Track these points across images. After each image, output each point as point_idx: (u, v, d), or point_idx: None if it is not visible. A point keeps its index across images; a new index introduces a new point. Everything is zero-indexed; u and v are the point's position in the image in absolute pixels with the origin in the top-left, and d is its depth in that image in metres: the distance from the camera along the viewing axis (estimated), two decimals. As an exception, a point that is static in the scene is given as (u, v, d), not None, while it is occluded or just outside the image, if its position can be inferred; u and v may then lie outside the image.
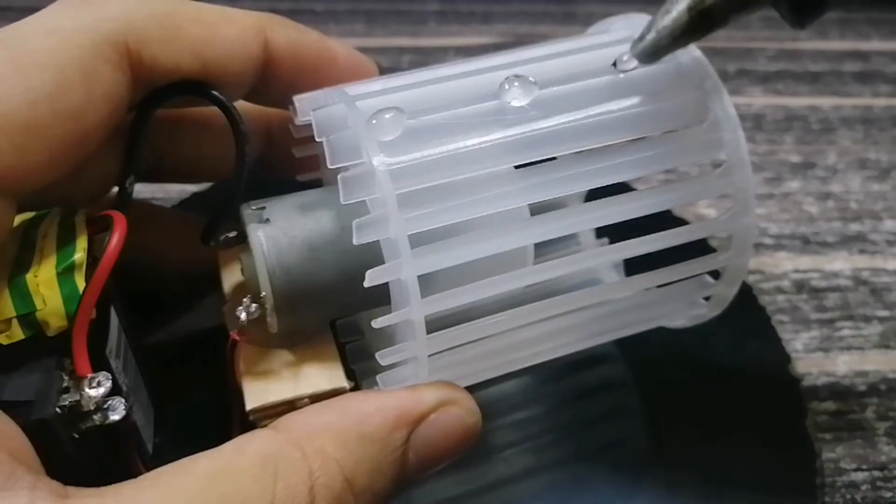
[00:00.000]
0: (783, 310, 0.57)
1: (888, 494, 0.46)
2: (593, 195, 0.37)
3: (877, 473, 0.47)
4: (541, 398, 0.46)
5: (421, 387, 0.35)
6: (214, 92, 0.37)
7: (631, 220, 0.37)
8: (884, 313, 0.57)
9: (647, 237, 0.37)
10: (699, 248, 0.39)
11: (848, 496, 0.46)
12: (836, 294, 0.58)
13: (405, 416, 0.33)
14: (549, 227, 0.36)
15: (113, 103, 0.34)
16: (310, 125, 0.35)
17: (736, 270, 0.40)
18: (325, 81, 0.39)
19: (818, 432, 0.48)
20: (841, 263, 0.61)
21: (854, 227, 0.64)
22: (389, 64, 0.82)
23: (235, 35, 0.37)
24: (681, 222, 0.53)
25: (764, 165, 0.70)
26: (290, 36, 0.39)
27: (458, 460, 0.35)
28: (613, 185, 0.37)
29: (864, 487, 0.46)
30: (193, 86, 0.37)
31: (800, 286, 0.59)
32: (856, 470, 0.47)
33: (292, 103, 0.38)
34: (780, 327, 0.54)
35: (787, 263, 0.61)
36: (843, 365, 0.53)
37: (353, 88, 0.37)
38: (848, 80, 0.83)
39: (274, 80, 0.39)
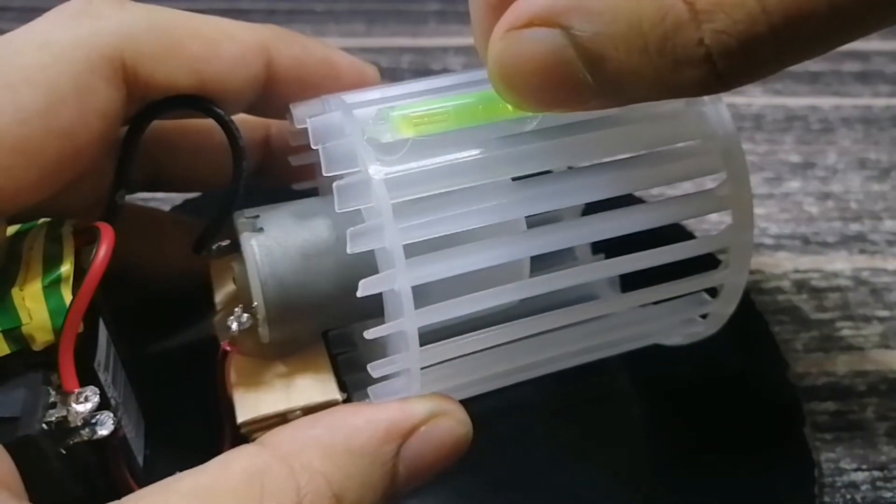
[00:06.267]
0: (783, 310, 0.57)
1: (888, 494, 0.45)
2: (591, 208, 0.37)
3: (877, 473, 0.46)
4: (537, 406, 0.46)
5: (411, 399, 0.34)
6: (213, 106, 0.36)
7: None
8: (884, 313, 0.56)
9: (644, 253, 0.37)
10: (699, 259, 0.39)
11: (848, 496, 0.45)
12: (836, 294, 0.58)
13: (395, 429, 0.33)
14: (546, 241, 0.36)
15: (107, 120, 0.34)
16: (307, 133, 0.35)
17: (733, 288, 0.40)
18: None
19: (818, 432, 0.48)
20: (841, 263, 0.61)
21: (854, 227, 0.64)
22: (389, 64, 0.82)
23: (237, 53, 0.36)
24: (681, 230, 0.53)
25: (764, 165, 0.70)
26: (294, 53, 0.38)
27: (452, 470, 0.35)
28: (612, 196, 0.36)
29: (864, 487, 0.46)
30: (191, 99, 0.36)
31: (800, 286, 0.59)
32: (856, 470, 0.47)
33: (289, 110, 0.37)
34: (780, 327, 0.55)
35: (787, 263, 0.61)
36: (843, 365, 0.53)
37: (351, 96, 0.36)
38: (848, 80, 0.82)
39: (275, 97, 0.38)
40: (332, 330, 0.40)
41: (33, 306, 0.31)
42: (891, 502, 0.45)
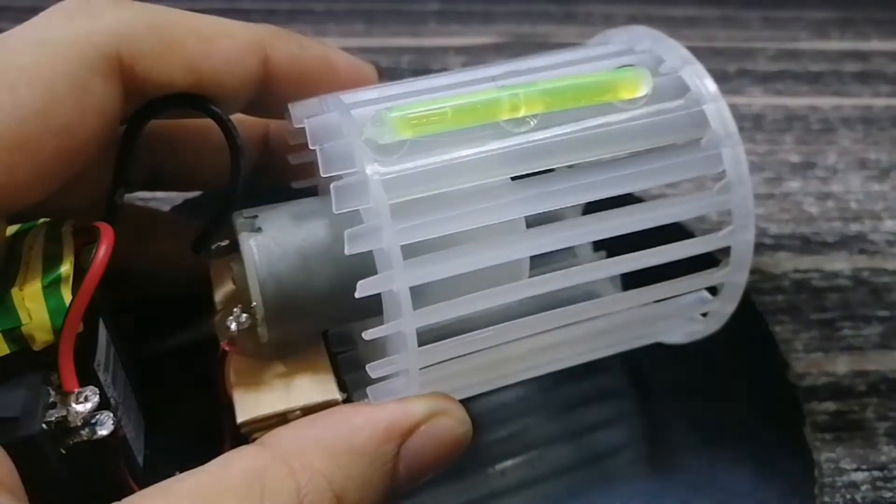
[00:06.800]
0: (783, 310, 0.57)
1: (888, 494, 0.46)
2: (591, 206, 0.37)
3: (877, 473, 0.47)
4: (537, 406, 0.46)
5: (411, 398, 0.34)
6: (211, 105, 0.36)
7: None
8: (884, 313, 0.56)
9: (644, 252, 0.37)
10: (699, 258, 0.39)
11: (848, 496, 0.45)
12: (836, 294, 0.58)
13: (395, 428, 0.33)
14: (545, 241, 0.36)
15: (105, 118, 0.34)
16: (306, 132, 0.35)
17: (734, 287, 0.40)
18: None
19: (818, 432, 0.48)
20: (841, 263, 0.61)
21: (854, 227, 0.64)
22: (389, 64, 0.82)
23: (233, 51, 0.36)
24: (680, 229, 0.53)
25: (764, 165, 0.70)
26: (291, 52, 0.38)
27: (452, 471, 0.35)
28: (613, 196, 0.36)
29: (864, 487, 0.46)
30: (189, 98, 0.36)
31: (800, 286, 0.59)
32: (856, 470, 0.47)
33: (287, 110, 0.37)
34: (780, 327, 0.54)
35: (787, 263, 0.61)
36: (843, 365, 0.53)
37: (349, 96, 0.36)
38: (848, 80, 0.83)
39: (273, 96, 0.38)
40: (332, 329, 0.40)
41: (33, 306, 0.31)
42: (891, 502, 0.45)
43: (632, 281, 0.39)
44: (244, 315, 0.35)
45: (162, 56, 0.35)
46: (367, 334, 0.33)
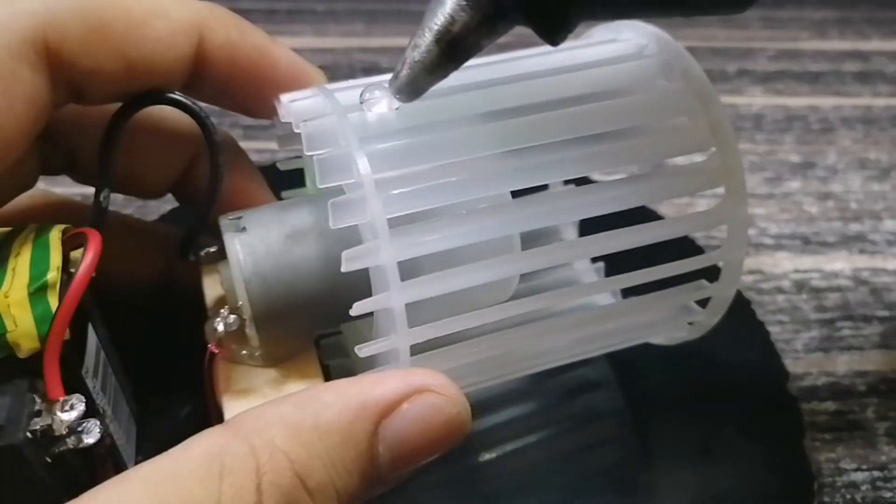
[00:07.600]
0: (783, 310, 0.57)
1: (888, 494, 0.46)
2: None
3: (877, 473, 0.47)
4: (533, 425, 0.46)
5: (388, 372, 0.32)
6: (188, 102, 0.36)
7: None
8: (884, 313, 0.57)
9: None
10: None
11: (848, 496, 0.46)
12: (836, 294, 0.58)
13: (368, 405, 0.30)
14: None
15: (35, 107, 0.33)
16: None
17: (722, 300, 0.40)
18: (263, 87, 0.38)
19: (818, 432, 0.48)
20: (841, 263, 0.61)
21: (854, 227, 0.64)
22: (389, 64, 0.81)
23: (166, 33, 0.35)
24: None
25: (764, 165, 0.70)
26: (228, 36, 0.37)
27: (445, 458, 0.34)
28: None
29: (864, 487, 0.46)
30: (167, 96, 0.36)
31: (800, 286, 0.59)
32: (856, 470, 0.47)
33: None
34: (780, 327, 0.55)
35: (787, 263, 0.61)
36: (843, 365, 0.53)
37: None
38: (848, 80, 0.83)
39: (206, 80, 0.37)
40: (325, 338, 0.40)
41: (18, 313, 0.31)
42: (891, 502, 0.45)
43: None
44: (232, 316, 0.35)
45: (90, 41, 0.33)
46: (355, 308, 0.32)
